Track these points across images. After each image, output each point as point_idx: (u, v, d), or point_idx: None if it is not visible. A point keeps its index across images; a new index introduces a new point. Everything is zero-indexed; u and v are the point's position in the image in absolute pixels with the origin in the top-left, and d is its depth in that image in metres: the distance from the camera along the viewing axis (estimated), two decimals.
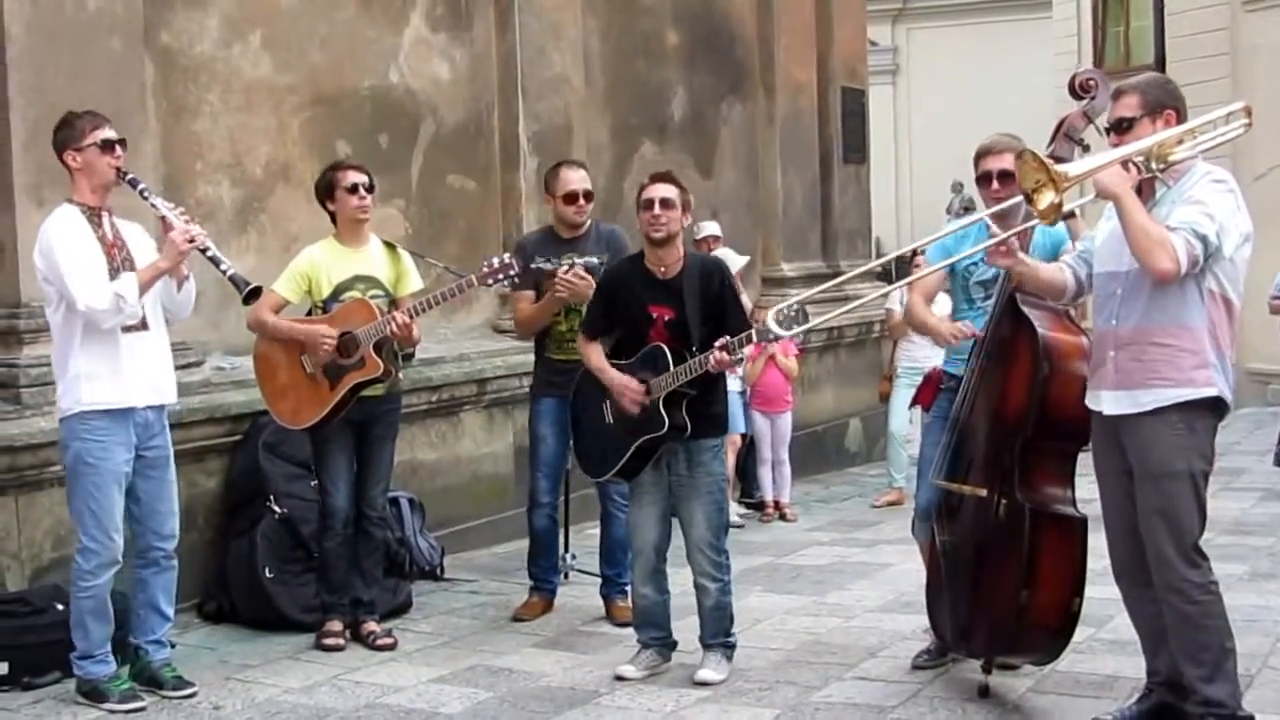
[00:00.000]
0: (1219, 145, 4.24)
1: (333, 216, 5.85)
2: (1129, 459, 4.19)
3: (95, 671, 4.95)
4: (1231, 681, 4.18)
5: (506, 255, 5.82)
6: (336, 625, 5.75)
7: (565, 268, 5.88)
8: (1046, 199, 3.97)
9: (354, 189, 5.75)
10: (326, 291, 5.73)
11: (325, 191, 5.84)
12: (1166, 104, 4.20)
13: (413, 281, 5.89)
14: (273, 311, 5.64)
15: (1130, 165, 4.07)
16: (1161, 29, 16.41)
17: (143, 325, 4.94)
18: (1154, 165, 4.09)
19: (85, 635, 4.94)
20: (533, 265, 6.04)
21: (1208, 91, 14.54)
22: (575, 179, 6.16)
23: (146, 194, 4.99)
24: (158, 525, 5.05)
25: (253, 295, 5.07)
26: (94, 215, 4.94)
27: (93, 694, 4.94)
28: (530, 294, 6.10)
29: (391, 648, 5.69)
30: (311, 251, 5.83)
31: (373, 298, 5.71)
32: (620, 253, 6.04)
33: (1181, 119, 4.19)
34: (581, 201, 6.11)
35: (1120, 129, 4.21)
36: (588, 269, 5.88)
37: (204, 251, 4.94)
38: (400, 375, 5.96)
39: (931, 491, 4.99)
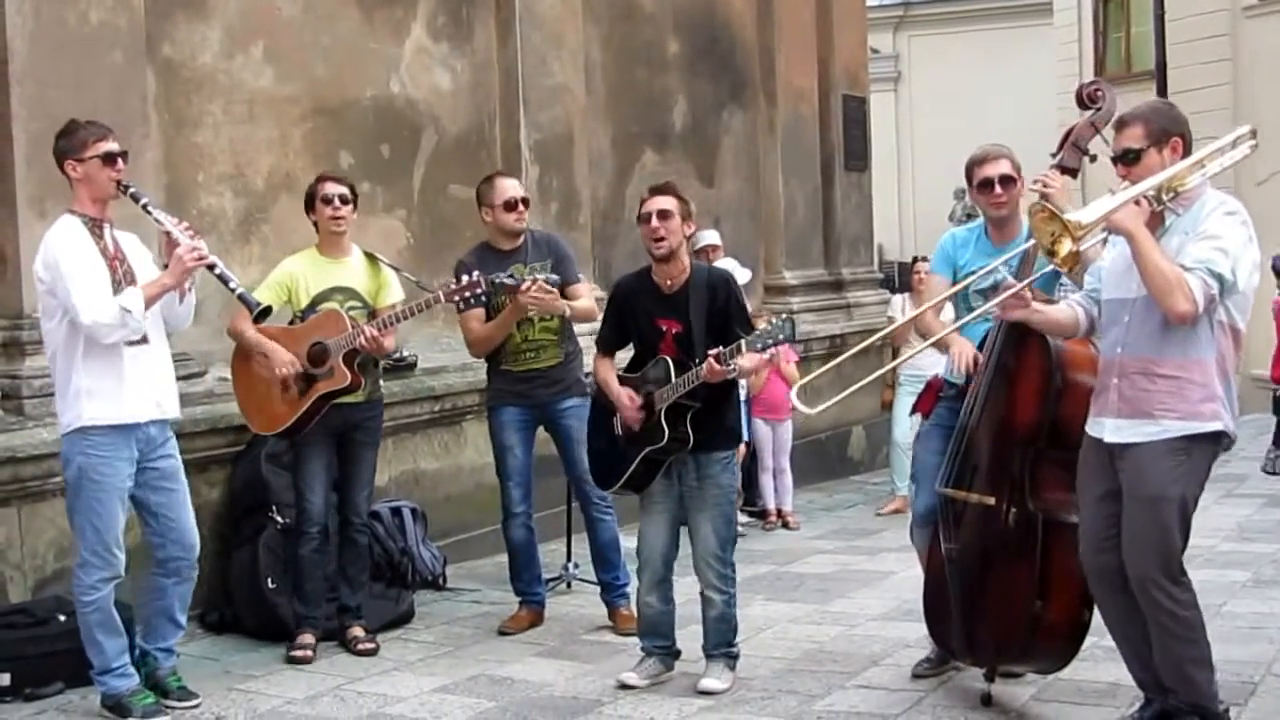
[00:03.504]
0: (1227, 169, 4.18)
1: (316, 226, 5.88)
2: (1120, 481, 4.17)
3: (118, 686, 4.92)
4: (1211, 681, 4.20)
5: (475, 274, 5.72)
6: (308, 638, 5.74)
7: (528, 283, 5.80)
8: (1066, 248, 3.94)
9: (328, 200, 5.78)
10: (305, 302, 5.77)
11: (308, 202, 5.90)
12: (1172, 131, 4.13)
13: (393, 294, 5.93)
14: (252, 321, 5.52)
15: (1142, 200, 4.01)
16: (1162, 35, 16.42)
17: (143, 339, 4.89)
18: (1164, 197, 4.03)
19: (99, 650, 4.90)
20: (496, 281, 5.91)
21: (1209, 97, 14.53)
22: (511, 186, 6.17)
23: (150, 208, 4.96)
24: (179, 536, 5.04)
25: (263, 314, 5.12)
26: (95, 227, 4.89)
27: (116, 709, 4.91)
28: (480, 313, 5.99)
29: (372, 653, 5.73)
30: (290, 262, 5.88)
31: (350, 309, 5.74)
32: (562, 258, 6.08)
33: (1187, 145, 4.13)
34: (521, 208, 6.10)
35: (1126, 160, 4.14)
36: (548, 281, 5.85)
37: (212, 269, 4.94)
38: (379, 383, 6.02)
39: (930, 498, 4.99)
